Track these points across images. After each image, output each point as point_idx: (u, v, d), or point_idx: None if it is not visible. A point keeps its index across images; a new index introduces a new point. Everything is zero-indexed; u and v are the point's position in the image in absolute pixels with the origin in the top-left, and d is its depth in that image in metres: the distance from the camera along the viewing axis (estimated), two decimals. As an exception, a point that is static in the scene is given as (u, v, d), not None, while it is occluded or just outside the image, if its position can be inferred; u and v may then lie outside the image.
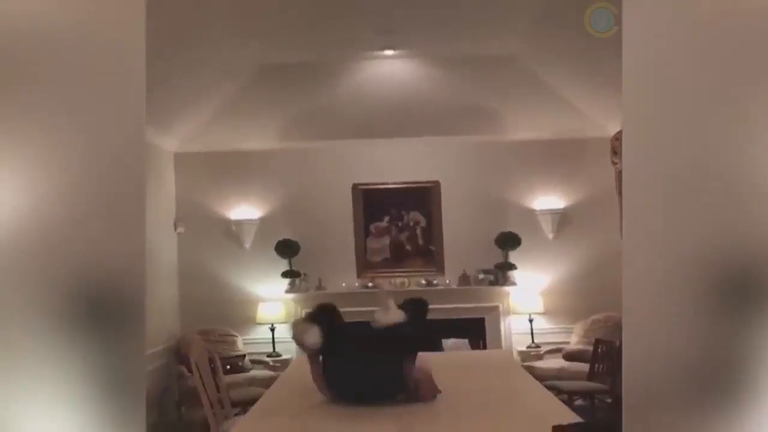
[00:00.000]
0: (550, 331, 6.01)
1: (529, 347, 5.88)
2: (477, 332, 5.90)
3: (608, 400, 4.73)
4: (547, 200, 6.14)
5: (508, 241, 6.01)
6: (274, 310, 5.95)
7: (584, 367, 4.97)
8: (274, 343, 5.89)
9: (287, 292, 6.04)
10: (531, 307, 5.95)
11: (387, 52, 5.57)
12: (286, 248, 5.98)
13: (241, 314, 6.00)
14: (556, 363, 5.59)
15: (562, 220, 6.11)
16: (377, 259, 6.16)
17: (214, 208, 6.15)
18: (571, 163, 6.13)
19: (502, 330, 6.01)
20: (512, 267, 6.01)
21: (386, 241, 6.19)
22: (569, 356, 5.62)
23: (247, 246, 6.10)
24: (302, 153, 6.19)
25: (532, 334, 5.92)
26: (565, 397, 4.38)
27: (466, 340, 5.81)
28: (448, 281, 6.04)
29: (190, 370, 5.14)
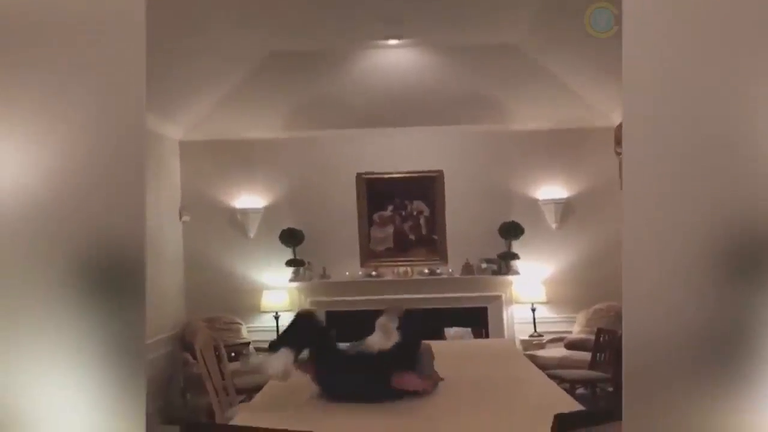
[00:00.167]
0: (552, 321, 6.04)
1: (531, 336, 5.91)
2: (479, 321, 5.92)
3: (610, 389, 4.76)
4: (550, 190, 6.15)
5: (511, 231, 6.02)
6: (278, 298, 5.99)
7: (586, 356, 4.99)
8: (278, 331, 5.93)
9: (291, 280, 6.07)
10: (533, 296, 5.97)
11: (391, 42, 5.57)
12: (291, 237, 6.01)
13: (246, 302, 6.05)
14: (559, 352, 5.62)
15: (566, 209, 6.12)
16: (381, 248, 6.18)
17: (219, 196, 6.18)
18: (574, 153, 6.13)
19: (505, 319, 6.04)
20: (515, 256, 6.03)
21: (390, 230, 6.21)
22: (571, 345, 5.64)
23: (252, 234, 6.13)
24: (306, 142, 6.20)
25: (535, 323, 5.95)
26: (567, 386, 4.41)
27: (469, 329, 5.84)
28: (451, 270, 6.06)
29: (195, 357, 5.19)
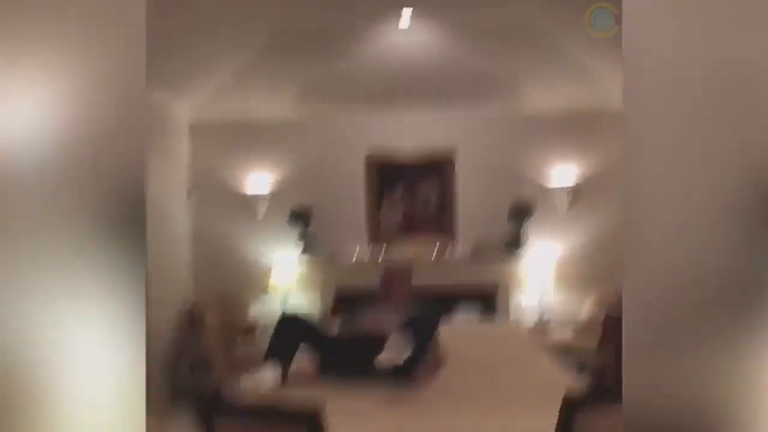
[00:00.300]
0: (560, 304, 6.01)
1: (539, 319, 5.88)
2: (488, 304, 5.91)
3: (616, 374, 4.73)
4: (562, 172, 6.08)
5: (522, 213, 5.97)
6: (286, 279, 5.99)
7: (594, 341, 4.96)
8: (284, 312, 5.93)
9: (299, 262, 6.07)
10: (543, 279, 5.94)
11: (403, 22, 5.48)
12: (299, 218, 6.00)
13: (254, 283, 6.05)
14: (566, 336, 5.60)
15: (577, 192, 6.06)
16: (390, 230, 6.16)
17: (228, 177, 6.17)
18: (588, 135, 6.05)
19: (513, 302, 6.01)
20: (525, 239, 5.99)
21: (399, 211, 6.18)
22: (579, 329, 5.62)
23: (260, 215, 6.12)
24: (316, 123, 6.16)
25: (543, 306, 5.92)
26: (575, 370, 4.38)
27: (477, 312, 5.84)
28: (460, 252, 6.04)
29: (203, 336, 5.22)
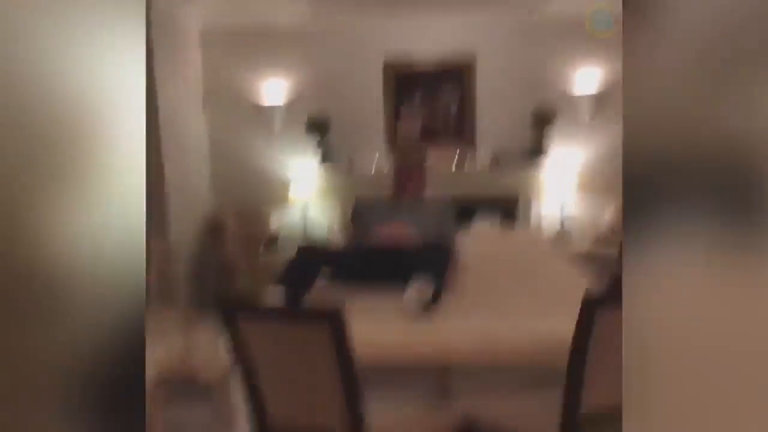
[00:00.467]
0: (582, 213, 5.95)
1: (560, 228, 5.85)
2: (508, 214, 5.88)
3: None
4: (586, 78, 5.86)
5: (544, 121, 5.82)
6: (305, 189, 5.98)
7: (615, 249, 4.94)
8: (306, 223, 5.97)
9: (318, 172, 6.03)
10: (565, 188, 5.86)
11: None
12: (316, 128, 5.91)
13: (273, 195, 6.05)
14: (587, 244, 5.59)
15: (601, 98, 5.86)
16: (408, 139, 6.05)
17: (242, 87, 6.04)
18: (613, 39, 5.78)
19: (534, 211, 5.97)
20: (547, 147, 5.87)
21: (417, 119, 6.05)
22: (601, 238, 5.59)
23: (277, 126, 6.03)
24: (332, 28, 5.94)
25: (564, 215, 5.87)
26: (596, 277, 4.38)
27: (497, 222, 5.82)
28: (480, 161, 5.94)
29: (226, 247, 5.29)
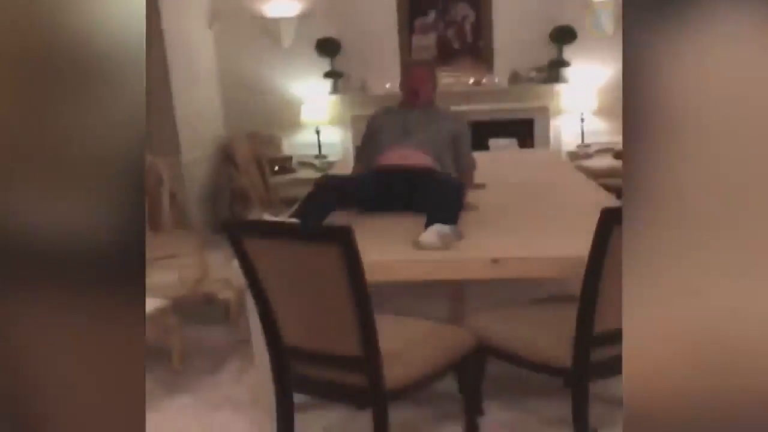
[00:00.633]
0: (602, 131, 5.81)
1: (579, 147, 5.73)
2: (526, 132, 5.76)
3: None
4: (609, -12, 5.59)
5: (564, 36, 5.59)
6: (317, 112, 5.86)
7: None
8: (319, 145, 5.88)
9: (330, 93, 5.89)
10: (584, 106, 5.70)
11: None
12: (327, 47, 5.73)
13: (285, 117, 5.94)
14: (607, 162, 5.49)
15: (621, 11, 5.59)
16: (422, 58, 5.86)
17: (250, 1, 5.82)
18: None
19: (552, 129, 5.83)
20: (566, 64, 5.67)
21: (432, 37, 5.84)
22: (620, 156, 5.48)
23: (287, 44, 5.84)
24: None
25: (583, 133, 5.74)
26: (614, 195, 4.32)
27: (515, 140, 5.71)
28: (497, 80, 5.77)
29: (238, 170, 5.25)
